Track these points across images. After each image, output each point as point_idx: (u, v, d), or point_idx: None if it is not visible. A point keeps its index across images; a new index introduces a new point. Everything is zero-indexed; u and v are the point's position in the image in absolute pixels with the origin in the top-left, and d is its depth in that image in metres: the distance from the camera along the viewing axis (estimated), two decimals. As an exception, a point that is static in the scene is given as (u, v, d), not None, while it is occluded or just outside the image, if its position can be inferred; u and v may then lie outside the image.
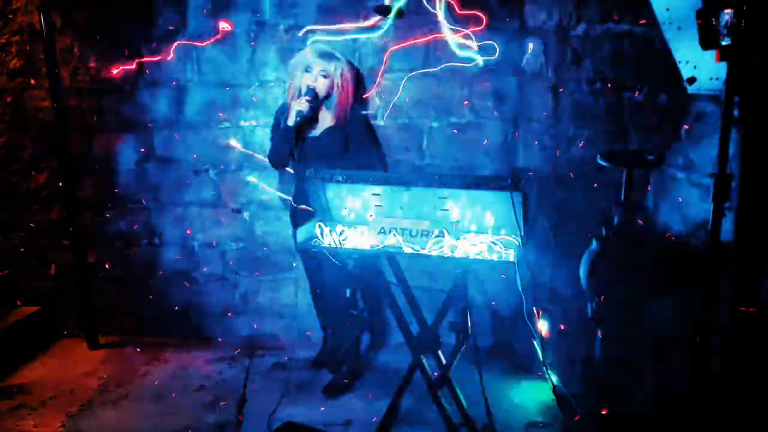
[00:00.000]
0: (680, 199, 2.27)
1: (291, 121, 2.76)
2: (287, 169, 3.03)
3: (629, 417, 2.31)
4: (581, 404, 2.61)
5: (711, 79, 1.93)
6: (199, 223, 3.56)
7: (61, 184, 3.36)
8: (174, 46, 3.34)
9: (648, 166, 2.32)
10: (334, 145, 2.89)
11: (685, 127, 2.23)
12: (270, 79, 3.36)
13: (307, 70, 2.84)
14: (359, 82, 3.17)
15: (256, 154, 3.35)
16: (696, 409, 1.92)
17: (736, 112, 1.77)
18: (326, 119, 2.93)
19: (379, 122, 3.31)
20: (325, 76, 2.83)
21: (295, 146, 2.77)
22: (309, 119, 2.87)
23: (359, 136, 2.96)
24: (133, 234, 3.60)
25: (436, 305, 2.55)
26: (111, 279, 3.63)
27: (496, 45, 3.17)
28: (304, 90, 2.80)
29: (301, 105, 2.76)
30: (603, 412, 2.33)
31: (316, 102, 2.83)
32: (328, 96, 2.87)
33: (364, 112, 3.10)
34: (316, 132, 2.92)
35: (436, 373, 2.59)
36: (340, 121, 2.90)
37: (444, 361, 2.56)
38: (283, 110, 2.95)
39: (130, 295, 3.64)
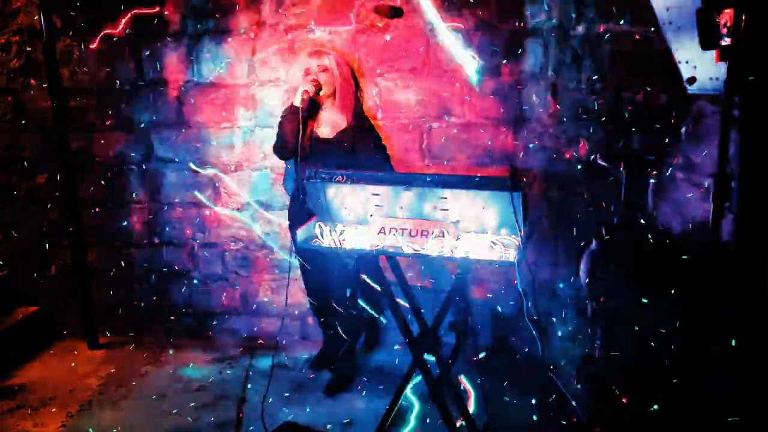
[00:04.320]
0: (680, 199, 2.27)
1: (297, 101, 2.76)
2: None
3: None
4: (582, 404, 2.61)
5: (711, 79, 1.93)
6: (199, 223, 3.56)
7: (60, 184, 3.36)
8: (173, 46, 3.35)
9: (648, 166, 2.33)
10: (344, 148, 2.87)
11: (685, 127, 2.23)
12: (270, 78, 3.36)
13: (306, 73, 2.86)
14: (359, 81, 3.16)
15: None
16: (697, 410, 1.92)
17: (736, 112, 1.77)
18: (335, 119, 2.91)
19: (379, 122, 3.31)
20: (324, 70, 2.85)
21: (303, 131, 2.73)
22: (317, 111, 2.88)
23: (368, 145, 2.93)
24: (133, 234, 3.60)
25: (436, 305, 2.55)
26: (111, 279, 3.63)
27: (496, 45, 3.18)
28: (308, 82, 2.81)
29: (306, 85, 2.78)
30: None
31: (319, 91, 2.83)
32: (333, 93, 2.87)
33: (368, 119, 3.07)
34: (328, 134, 2.90)
35: (436, 373, 2.59)
36: (349, 122, 2.89)
37: (444, 361, 2.56)
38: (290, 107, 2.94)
39: (130, 295, 3.64)
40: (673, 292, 2.17)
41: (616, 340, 2.42)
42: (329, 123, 2.91)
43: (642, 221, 2.33)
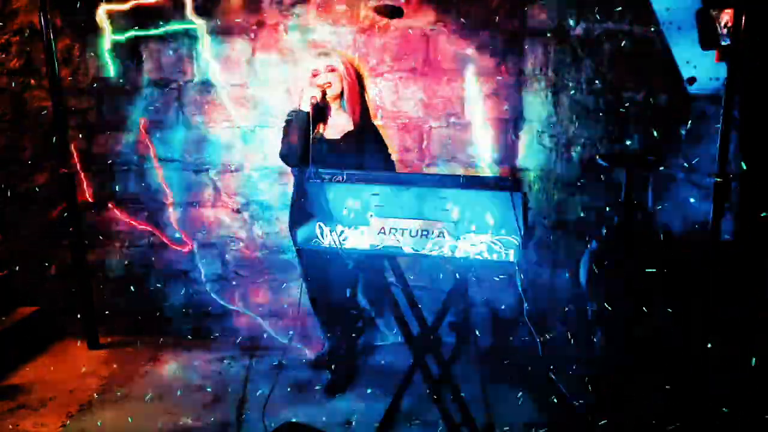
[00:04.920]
0: (680, 199, 2.27)
1: (305, 106, 2.75)
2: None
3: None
4: (582, 404, 2.61)
5: (711, 79, 1.93)
6: (199, 222, 3.56)
7: (60, 184, 3.36)
8: (175, 45, 3.36)
9: (648, 166, 2.33)
10: (352, 150, 2.87)
11: (685, 127, 2.23)
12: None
13: (314, 74, 2.86)
14: (361, 80, 3.17)
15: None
16: (697, 410, 1.93)
17: (735, 113, 1.77)
18: (342, 120, 2.91)
19: (379, 122, 3.31)
20: (332, 70, 2.85)
21: (310, 135, 2.69)
22: (324, 115, 2.88)
23: (372, 146, 2.95)
24: (133, 234, 3.60)
25: (436, 305, 2.55)
26: (111, 279, 3.63)
27: (496, 45, 3.18)
28: (315, 87, 2.81)
29: (314, 90, 2.77)
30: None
31: (328, 93, 2.83)
32: (340, 94, 2.88)
33: (373, 121, 3.08)
34: (335, 135, 2.90)
35: (436, 373, 2.59)
36: (356, 124, 2.89)
37: (444, 361, 2.56)
38: (296, 111, 2.94)
39: (130, 295, 3.64)
40: (673, 292, 2.17)
41: (616, 340, 2.42)
42: (336, 124, 2.91)
43: (642, 221, 2.33)
